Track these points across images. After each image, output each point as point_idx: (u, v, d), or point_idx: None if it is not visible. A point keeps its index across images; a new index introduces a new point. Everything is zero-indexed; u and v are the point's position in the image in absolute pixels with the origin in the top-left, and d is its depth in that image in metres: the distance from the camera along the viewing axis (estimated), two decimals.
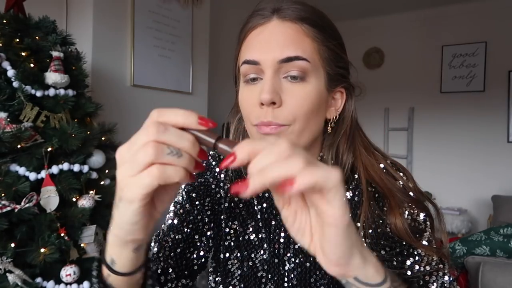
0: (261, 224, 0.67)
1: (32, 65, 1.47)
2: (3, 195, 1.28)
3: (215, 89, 3.04)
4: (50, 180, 1.41)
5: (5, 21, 1.49)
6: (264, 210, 0.67)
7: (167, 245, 0.67)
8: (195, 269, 0.69)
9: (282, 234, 0.65)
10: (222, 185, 0.71)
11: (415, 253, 0.59)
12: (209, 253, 0.71)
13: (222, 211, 0.70)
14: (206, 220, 0.69)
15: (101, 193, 1.55)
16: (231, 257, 0.68)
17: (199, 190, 0.71)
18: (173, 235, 0.68)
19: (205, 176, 0.72)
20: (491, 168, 3.75)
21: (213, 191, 0.71)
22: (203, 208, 0.70)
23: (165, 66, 2.52)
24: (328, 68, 0.59)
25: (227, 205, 0.69)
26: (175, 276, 0.65)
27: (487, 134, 3.79)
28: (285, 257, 0.65)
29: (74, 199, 1.47)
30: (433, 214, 0.63)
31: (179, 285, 0.66)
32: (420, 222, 0.61)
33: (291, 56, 0.55)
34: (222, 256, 0.69)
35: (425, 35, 4.08)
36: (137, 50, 2.33)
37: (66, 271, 1.38)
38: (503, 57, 3.72)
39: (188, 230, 0.68)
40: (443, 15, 3.96)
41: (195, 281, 0.70)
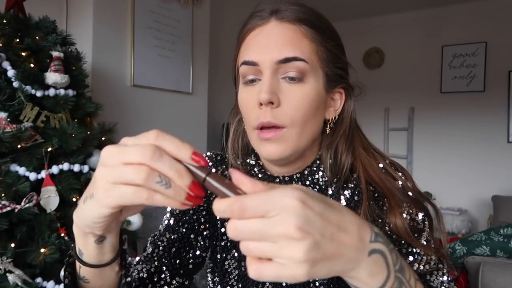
0: None
1: (32, 65, 1.47)
2: (3, 195, 1.28)
3: (215, 89, 3.04)
4: (50, 180, 1.41)
5: (5, 21, 1.49)
6: None
7: (162, 244, 0.67)
8: (190, 268, 0.69)
9: None
10: None
11: (414, 252, 0.59)
12: (206, 252, 0.71)
13: None
14: (202, 220, 0.70)
15: None
16: (228, 257, 0.68)
17: None
18: (168, 235, 0.68)
19: None
20: (491, 168, 3.75)
21: (209, 191, 0.71)
22: (199, 208, 0.70)
23: (165, 66, 2.52)
24: (326, 69, 0.59)
25: None
26: (169, 275, 0.65)
27: (487, 134, 3.79)
28: None
29: (74, 199, 1.47)
30: (432, 214, 0.63)
31: (173, 284, 0.66)
32: (419, 222, 0.61)
33: (289, 57, 0.55)
34: (219, 257, 0.69)
35: (425, 35, 4.07)
36: (137, 50, 2.33)
37: None
38: (503, 57, 3.72)
39: (184, 230, 0.68)
40: (443, 15, 3.96)
41: (191, 280, 0.70)
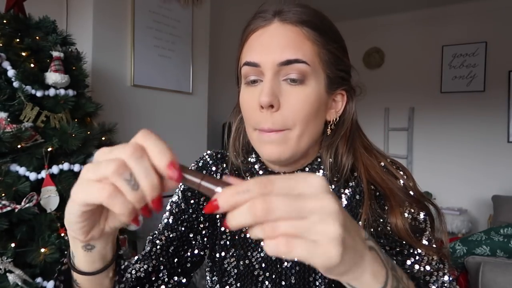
0: None
1: (32, 65, 1.47)
2: (3, 195, 1.28)
3: (215, 89, 3.03)
4: (50, 180, 1.41)
5: (5, 21, 1.49)
6: None
7: (160, 243, 0.67)
8: (188, 266, 0.69)
9: None
10: None
11: (415, 253, 0.59)
12: (204, 251, 0.71)
13: None
14: (201, 219, 0.70)
15: None
16: (227, 256, 0.68)
17: (194, 189, 0.70)
18: (167, 233, 0.68)
19: None
20: (491, 168, 3.75)
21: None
22: (198, 207, 0.70)
23: (165, 66, 2.52)
24: (328, 71, 0.59)
25: None
26: (167, 274, 0.65)
27: (487, 134, 3.79)
28: None
29: None
30: (433, 214, 0.63)
31: (171, 283, 0.66)
32: (420, 221, 0.61)
33: (290, 59, 0.55)
34: (218, 255, 0.69)
35: (425, 35, 4.08)
36: (137, 50, 2.32)
37: None
38: (503, 57, 3.72)
39: (183, 229, 0.68)
40: (443, 15, 3.96)
41: (189, 279, 0.70)
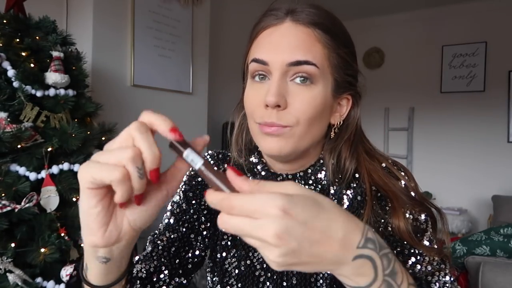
0: None
1: (32, 65, 1.47)
2: (3, 195, 1.28)
3: (215, 89, 3.03)
4: (50, 180, 1.41)
5: (5, 21, 1.49)
6: None
7: (162, 244, 0.66)
8: (189, 267, 0.68)
9: None
10: None
11: (417, 253, 0.59)
12: (205, 252, 0.70)
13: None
14: (203, 220, 0.69)
15: None
16: (228, 256, 0.68)
17: (196, 190, 0.70)
18: (168, 234, 0.67)
19: None
20: (491, 168, 3.75)
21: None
22: (200, 207, 0.70)
23: (165, 66, 2.52)
24: (336, 75, 0.59)
25: None
26: (168, 275, 0.65)
27: (487, 134, 3.79)
28: None
29: (74, 199, 1.47)
30: (436, 216, 0.63)
31: (172, 283, 0.65)
32: (422, 222, 0.61)
33: (300, 60, 0.55)
34: (219, 256, 0.69)
35: (425, 35, 4.07)
36: (137, 50, 2.32)
37: (66, 271, 1.38)
38: (503, 57, 3.72)
39: (184, 229, 0.68)
40: (443, 15, 3.96)
41: (190, 280, 0.70)
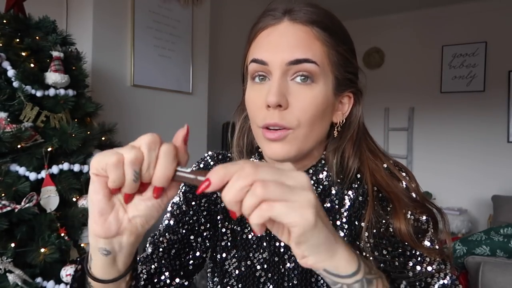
0: None
1: (32, 65, 1.47)
2: (3, 195, 1.28)
3: (215, 89, 3.03)
4: (50, 180, 1.41)
5: (5, 21, 1.49)
6: None
7: (162, 245, 0.66)
8: (190, 269, 0.68)
9: None
10: None
11: (417, 254, 0.59)
12: (206, 253, 0.70)
13: (219, 211, 0.69)
14: (203, 221, 0.69)
15: None
16: (228, 257, 0.68)
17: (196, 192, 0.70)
18: (168, 235, 0.67)
19: None
20: (491, 168, 3.75)
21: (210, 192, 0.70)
22: (199, 208, 0.69)
23: (165, 66, 2.52)
24: (336, 73, 0.59)
25: (223, 205, 0.68)
26: (169, 276, 0.65)
27: (487, 134, 3.79)
28: (286, 256, 0.64)
29: (74, 199, 1.47)
30: (437, 217, 0.62)
31: (173, 285, 0.65)
32: (423, 222, 0.61)
33: (300, 59, 0.55)
34: (219, 257, 0.69)
35: (425, 35, 4.07)
36: (137, 50, 2.32)
37: (66, 271, 1.38)
38: (503, 57, 3.72)
39: (184, 231, 0.68)
40: (443, 15, 3.95)
41: (191, 281, 0.69)
